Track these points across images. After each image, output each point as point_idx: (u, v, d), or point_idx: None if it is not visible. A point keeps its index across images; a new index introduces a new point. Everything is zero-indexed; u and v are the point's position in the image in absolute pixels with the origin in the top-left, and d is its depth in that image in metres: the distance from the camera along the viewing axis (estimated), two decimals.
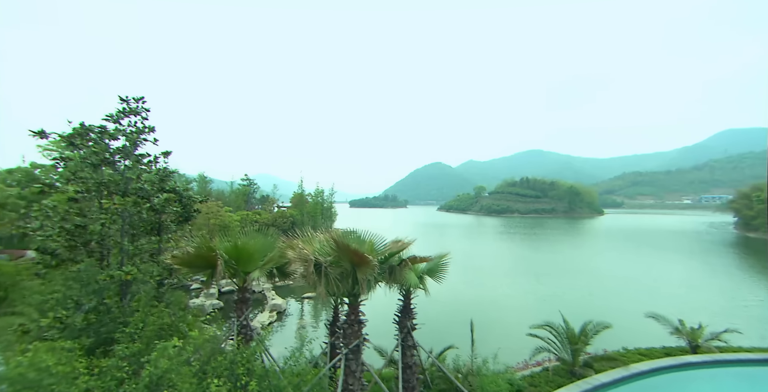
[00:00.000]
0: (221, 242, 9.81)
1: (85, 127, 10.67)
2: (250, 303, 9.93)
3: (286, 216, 51.10)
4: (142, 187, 10.40)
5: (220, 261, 9.07)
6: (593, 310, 23.18)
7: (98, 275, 9.30)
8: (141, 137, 10.79)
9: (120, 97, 10.59)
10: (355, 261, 7.49)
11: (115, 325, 8.60)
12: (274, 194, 76.29)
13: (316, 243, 8.87)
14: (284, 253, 9.64)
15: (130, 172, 10.49)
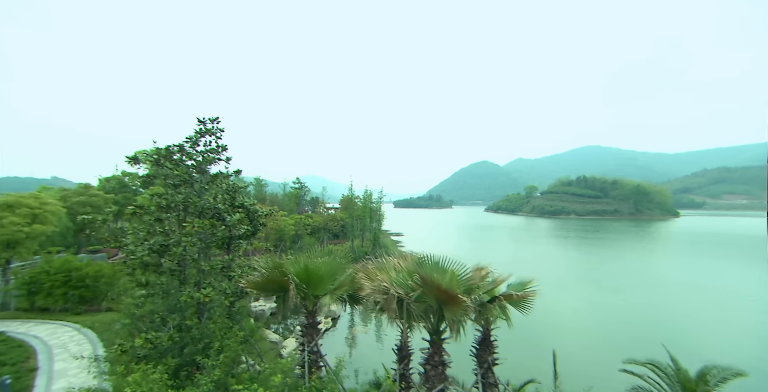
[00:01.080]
0: (291, 264, 9.50)
1: (170, 149, 11.12)
2: (320, 328, 9.50)
3: (336, 220, 52.01)
4: (217, 207, 10.54)
5: (292, 285, 8.73)
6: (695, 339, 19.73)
7: (179, 296, 9.50)
8: (215, 156, 10.99)
9: (198, 119, 10.85)
10: (443, 299, 6.57)
11: (196, 346, 8.68)
12: (323, 196, 78.47)
13: (392, 271, 8.11)
14: (356, 279, 9.05)
15: (208, 194, 10.69)
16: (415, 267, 8.08)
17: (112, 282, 21.86)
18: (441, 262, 8.13)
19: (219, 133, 10.99)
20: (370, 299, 8.71)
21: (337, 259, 10.30)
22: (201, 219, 10.22)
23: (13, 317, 19.62)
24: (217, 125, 10.96)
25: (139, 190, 44.50)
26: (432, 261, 8.28)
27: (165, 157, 11.06)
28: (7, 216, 21.00)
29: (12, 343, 15.27)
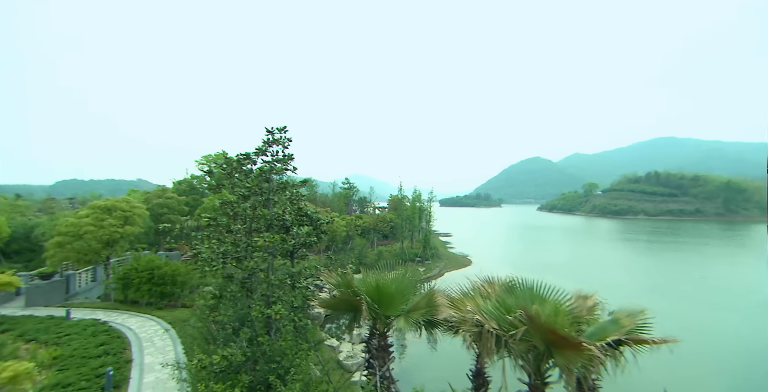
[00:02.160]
0: (362, 282, 9.07)
1: (240, 160, 11.36)
2: (391, 351, 8.95)
3: (386, 220, 51.95)
4: (284, 218, 10.51)
5: (365, 306, 8.27)
6: None
7: (248, 303, 9.60)
8: (283, 166, 10.96)
9: (266, 129, 10.86)
10: (555, 342, 5.52)
11: (268, 365, 8.69)
12: (371, 196, 79.09)
13: (478, 297, 7.24)
14: (433, 301, 8.33)
15: (277, 206, 10.72)
16: (505, 294, 7.12)
17: (186, 281, 23.70)
18: (536, 288, 7.05)
19: (287, 143, 10.96)
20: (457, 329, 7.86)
21: (406, 276, 9.69)
22: (271, 233, 10.20)
23: (112, 307, 22.15)
24: (284, 135, 10.92)
25: (206, 191, 48.57)
26: (524, 286, 7.24)
27: (235, 168, 11.30)
28: (106, 219, 23.83)
29: (113, 333, 17.08)
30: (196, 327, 15.51)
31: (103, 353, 14.76)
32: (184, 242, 38.87)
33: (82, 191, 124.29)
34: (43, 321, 18.46)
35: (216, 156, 46.68)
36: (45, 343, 15.93)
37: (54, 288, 23.38)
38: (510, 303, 6.80)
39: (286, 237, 9.82)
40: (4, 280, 18.81)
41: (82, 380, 12.56)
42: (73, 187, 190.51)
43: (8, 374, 8.94)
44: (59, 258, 23.27)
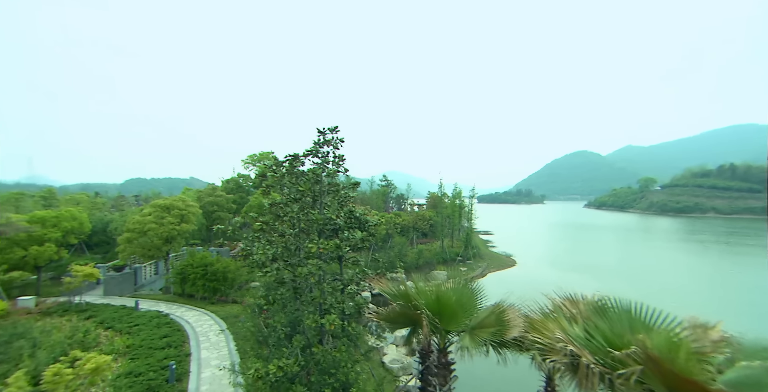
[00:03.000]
0: (420, 293, 8.43)
1: (292, 163, 11.22)
2: (453, 369, 8.25)
3: (425, 218, 50.99)
4: (337, 223, 10.20)
5: (426, 321, 7.63)
6: None
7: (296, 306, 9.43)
8: (335, 169, 10.65)
9: (318, 130, 10.62)
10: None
11: (323, 376, 8.43)
12: (408, 193, 78.24)
13: (561, 319, 6.27)
14: (504, 317, 7.48)
15: (329, 211, 10.43)
16: (595, 316, 6.08)
17: (235, 278, 24.71)
18: (635, 311, 5.93)
19: (338, 144, 10.59)
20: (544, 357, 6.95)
21: (466, 285, 8.91)
22: (324, 239, 9.91)
23: (172, 300, 23.76)
24: (336, 135, 10.56)
25: (251, 189, 50.84)
26: (619, 308, 6.14)
27: (287, 170, 11.17)
28: (166, 217, 25.57)
29: (174, 326, 18.18)
30: (247, 327, 15.95)
31: (166, 345, 15.66)
32: (233, 239, 40.95)
33: (145, 189, 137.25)
34: (117, 311, 20.17)
35: (261, 155, 48.65)
36: (119, 332, 17.32)
37: (125, 279, 25.61)
38: (604, 329, 5.77)
39: (340, 244, 9.43)
40: (88, 272, 20.91)
41: (150, 370, 13.33)
42: (138, 185, 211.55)
43: (91, 365, 9.60)
44: (128, 252, 25.40)
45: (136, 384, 12.29)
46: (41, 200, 52.20)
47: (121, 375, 12.88)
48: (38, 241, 23.87)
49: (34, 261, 23.79)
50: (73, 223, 26.46)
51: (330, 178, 10.64)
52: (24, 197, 52.82)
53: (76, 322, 18.54)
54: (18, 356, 13.56)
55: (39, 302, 21.78)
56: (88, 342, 15.13)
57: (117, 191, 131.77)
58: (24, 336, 15.48)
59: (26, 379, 9.46)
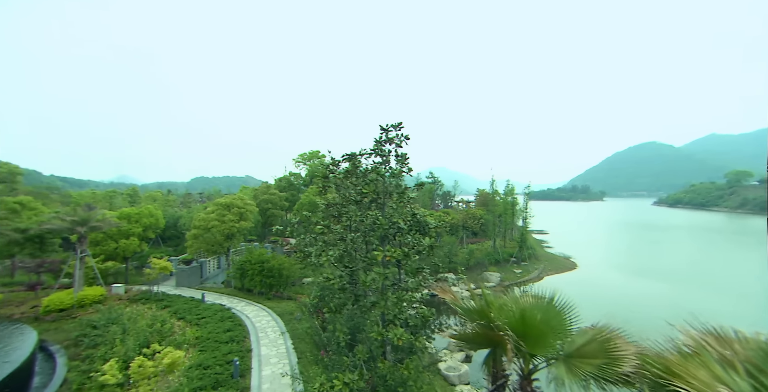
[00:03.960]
0: (501, 310, 7.39)
1: (356, 164, 10.75)
2: None
3: (476, 217, 48.77)
4: (400, 227, 9.47)
5: (511, 344, 6.60)
6: None
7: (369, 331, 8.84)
8: (400, 168, 9.91)
9: (381, 127, 9.94)
10: None
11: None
12: (455, 190, 75.78)
13: (713, 365, 4.88)
14: (609, 347, 6.19)
15: (396, 214, 9.75)
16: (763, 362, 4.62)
17: (290, 275, 25.38)
18: None
19: (402, 141, 9.79)
20: None
21: (552, 301, 7.67)
22: (390, 246, 9.23)
23: (232, 294, 25.15)
24: (400, 132, 9.79)
25: (302, 187, 52.65)
26: None
27: (350, 171, 10.69)
28: (226, 215, 27.12)
29: (236, 320, 19.04)
30: (304, 329, 16.06)
31: (229, 339, 16.33)
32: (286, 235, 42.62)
33: (208, 186, 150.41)
34: (187, 302, 21.73)
35: (310, 154, 50.07)
36: (189, 323, 18.54)
37: (193, 272, 27.71)
38: None
39: (408, 251, 8.66)
40: (163, 265, 22.85)
41: (217, 364, 13.90)
42: (202, 183, 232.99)
43: (168, 360, 10.09)
44: (195, 247, 27.40)
45: (205, 376, 12.82)
46: (127, 197, 59.24)
47: (192, 366, 13.59)
48: (125, 235, 26.71)
49: (122, 253, 26.71)
50: (151, 219, 29.24)
51: (395, 178, 9.92)
52: (115, 195, 60.36)
53: (155, 311, 20.28)
54: (112, 340, 15.01)
55: (127, 290, 24.35)
56: (165, 331, 16.31)
57: (185, 189, 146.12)
58: (116, 321, 17.22)
59: (117, 367, 10.21)
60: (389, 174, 9.82)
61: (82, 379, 12.81)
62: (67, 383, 13.10)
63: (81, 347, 15.86)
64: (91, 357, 14.16)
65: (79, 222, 21.85)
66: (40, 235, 26.30)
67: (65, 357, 15.29)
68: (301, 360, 14.85)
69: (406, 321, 9.10)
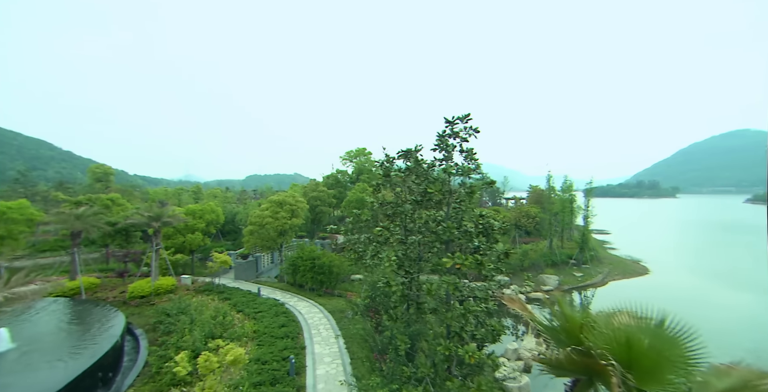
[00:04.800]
0: (596, 333, 6.25)
1: (417, 161, 10.07)
2: None
3: (530, 216, 45.60)
4: (468, 231, 8.62)
5: (616, 378, 5.48)
6: None
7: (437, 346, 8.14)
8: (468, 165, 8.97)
9: (446, 119, 9.05)
10: None
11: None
12: (504, 187, 71.89)
13: None
14: None
15: (466, 217, 8.86)
16: None
17: (340, 272, 25.59)
18: None
19: (469, 135, 8.79)
20: None
21: (663, 323, 6.31)
22: (463, 254, 8.42)
23: (285, 289, 26.08)
24: (467, 125, 8.81)
25: (348, 184, 53.40)
26: None
27: (412, 169, 10.03)
28: (279, 212, 28.15)
29: (289, 316, 19.58)
30: (356, 329, 15.90)
31: (284, 335, 16.75)
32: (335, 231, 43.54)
33: (260, 184, 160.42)
34: (245, 296, 22.92)
35: (357, 151, 50.47)
36: (248, 316, 19.44)
37: (249, 266, 29.30)
38: None
39: (481, 259, 7.78)
40: (223, 259, 24.34)
41: (274, 360, 14.26)
42: (255, 181, 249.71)
43: (231, 357, 10.40)
44: (251, 243, 28.89)
45: (263, 372, 13.18)
46: (192, 195, 65.01)
47: (251, 360, 14.09)
48: (191, 230, 29.00)
49: (189, 246, 29.07)
50: (212, 215, 31.45)
51: (464, 175, 8.98)
52: (182, 192, 66.59)
53: (217, 302, 21.66)
54: (182, 329, 16.17)
55: (193, 281, 26.44)
56: (226, 323, 17.21)
57: (240, 186, 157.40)
58: (185, 311, 18.60)
59: (187, 359, 10.79)
60: (457, 171, 8.92)
61: (159, 364, 13.91)
62: (148, 365, 14.33)
63: (158, 332, 17.38)
64: (166, 344, 15.34)
65: (154, 217, 24.04)
66: (126, 228, 29.57)
67: (146, 341, 16.87)
68: (353, 361, 14.71)
69: (473, 334, 8.29)
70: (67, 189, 59.96)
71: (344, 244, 16.46)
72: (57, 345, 14.25)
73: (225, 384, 11.90)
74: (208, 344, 14.87)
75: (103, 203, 32.90)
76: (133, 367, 14.33)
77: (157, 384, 12.76)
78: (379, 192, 14.00)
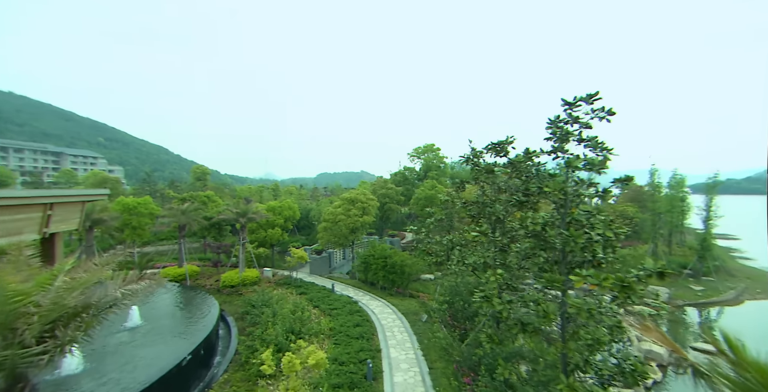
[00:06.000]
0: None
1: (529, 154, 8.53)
2: None
3: (627, 216, 38.98)
4: (594, 240, 6.82)
5: None
6: None
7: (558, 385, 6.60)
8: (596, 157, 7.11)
9: (563, 101, 7.31)
10: None
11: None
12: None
13: None
14: None
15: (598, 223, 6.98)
16: None
17: (412, 273, 24.73)
18: None
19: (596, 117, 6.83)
20: None
21: None
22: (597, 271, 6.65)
23: (357, 286, 26.27)
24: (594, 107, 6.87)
25: (416, 181, 52.41)
26: None
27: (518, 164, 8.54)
28: (351, 209, 28.45)
29: (363, 315, 19.40)
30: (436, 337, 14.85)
31: (359, 335, 16.50)
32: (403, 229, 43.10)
33: (330, 181, 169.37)
34: (320, 291, 23.60)
35: (425, 148, 49.14)
36: (323, 312, 19.83)
37: (323, 262, 30.34)
38: None
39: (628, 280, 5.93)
40: (300, 254, 25.46)
41: (350, 361, 14.00)
42: (326, 178, 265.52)
43: (313, 361, 10.24)
44: (325, 239, 29.81)
45: (341, 373, 12.96)
46: (272, 192, 71.02)
47: (328, 358, 14.04)
48: (272, 225, 31.12)
49: (269, 241, 31.27)
50: (290, 212, 33.35)
51: (593, 170, 7.14)
52: (263, 190, 73.26)
53: (295, 296, 22.66)
54: (266, 322, 17.04)
55: (274, 273, 28.32)
56: (304, 319, 17.65)
57: (312, 184, 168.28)
58: (268, 304, 19.70)
59: (272, 357, 11.00)
60: (584, 165, 7.11)
61: (247, 353, 14.74)
62: (238, 353, 15.35)
63: (245, 322, 18.68)
64: (252, 335, 16.27)
65: (241, 213, 26.22)
66: (218, 223, 33.14)
67: (236, 328, 18.27)
68: (432, 372, 13.69)
69: (598, 370, 6.55)
70: (176, 187, 70.49)
71: (419, 244, 15.39)
72: (172, 324, 16.27)
73: (305, 382, 11.94)
74: (288, 338, 15.37)
75: (201, 200, 37.43)
76: (226, 353, 15.49)
77: (246, 373, 13.46)
78: (463, 189, 12.63)
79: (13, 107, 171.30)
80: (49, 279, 5.30)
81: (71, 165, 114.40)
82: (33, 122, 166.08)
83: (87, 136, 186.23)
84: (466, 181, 12.32)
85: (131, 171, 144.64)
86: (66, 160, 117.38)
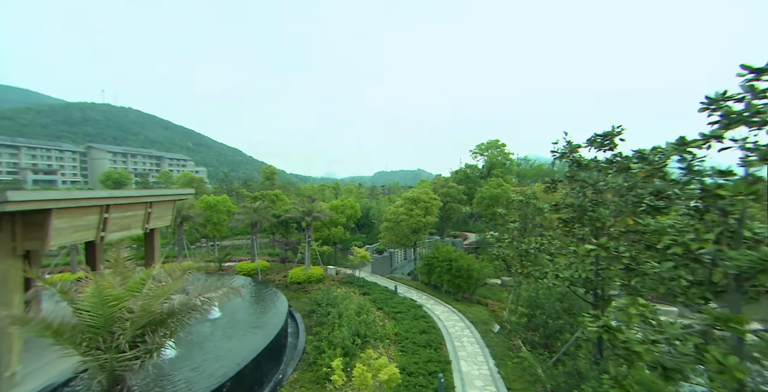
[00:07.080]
0: None
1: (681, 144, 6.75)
2: None
3: None
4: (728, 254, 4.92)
5: None
6: None
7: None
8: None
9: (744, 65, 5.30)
10: None
11: None
12: None
13: None
14: None
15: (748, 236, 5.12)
16: None
17: (479, 278, 22.95)
18: None
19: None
20: None
21: None
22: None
23: (420, 288, 25.33)
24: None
25: (479, 179, 49.52)
26: None
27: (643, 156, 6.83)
28: (413, 209, 27.58)
29: (429, 321, 18.38)
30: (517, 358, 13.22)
31: (426, 343, 15.55)
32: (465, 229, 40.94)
33: (387, 180, 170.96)
34: (383, 292, 23.17)
35: (489, 144, 46.10)
36: (387, 315, 19.29)
37: (384, 261, 30.00)
38: None
39: None
40: (363, 254, 25.36)
41: (419, 372, 13.13)
42: (383, 177, 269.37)
43: (384, 376, 9.56)
44: (387, 239, 29.43)
45: (410, 386, 12.17)
46: (333, 190, 73.69)
47: (397, 367, 13.34)
48: (334, 223, 31.76)
49: (332, 239, 31.97)
50: (351, 210, 33.74)
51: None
52: (325, 188, 76.39)
53: (358, 296, 22.56)
54: (332, 323, 17.01)
55: (337, 272, 28.80)
56: (369, 322, 17.25)
57: (370, 182, 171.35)
58: (333, 303, 19.79)
59: (341, 367, 10.63)
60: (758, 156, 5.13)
61: (315, 354, 14.77)
62: (306, 353, 15.50)
63: (312, 320, 18.98)
64: (319, 335, 16.32)
65: (306, 212, 27.05)
66: (286, 220, 34.95)
67: (303, 325, 18.66)
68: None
69: None
70: (249, 186, 77.19)
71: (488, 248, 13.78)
72: (246, 318, 17.13)
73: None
74: (354, 342, 15.05)
75: (270, 198, 39.94)
76: (294, 352, 15.74)
77: (314, 374, 13.43)
78: (554, 190, 10.84)
79: (130, 120, 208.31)
80: (139, 284, 5.32)
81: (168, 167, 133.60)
82: (144, 131, 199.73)
83: (179, 141, 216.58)
84: (559, 179, 10.51)
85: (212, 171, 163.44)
86: (164, 163, 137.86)
